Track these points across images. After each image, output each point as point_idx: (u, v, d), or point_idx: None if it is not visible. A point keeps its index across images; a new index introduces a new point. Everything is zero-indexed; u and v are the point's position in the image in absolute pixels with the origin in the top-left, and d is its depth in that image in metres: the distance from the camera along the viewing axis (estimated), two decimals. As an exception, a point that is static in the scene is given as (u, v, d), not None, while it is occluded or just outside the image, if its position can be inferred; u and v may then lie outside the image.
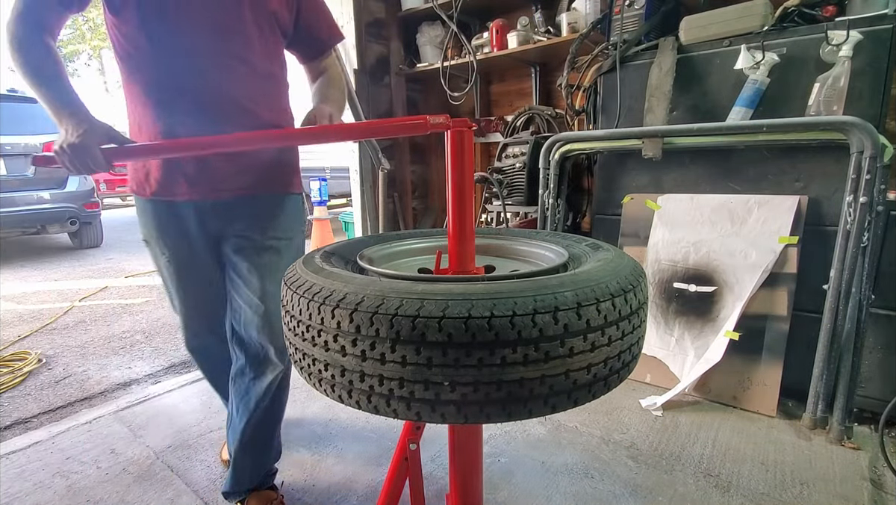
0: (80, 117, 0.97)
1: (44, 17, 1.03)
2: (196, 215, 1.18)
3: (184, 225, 1.19)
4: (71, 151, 0.95)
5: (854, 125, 1.44)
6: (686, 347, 1.84)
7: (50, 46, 1.04)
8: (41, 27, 1.03)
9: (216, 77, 1.08)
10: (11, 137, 4.64)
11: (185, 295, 1.31)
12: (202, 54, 1.07)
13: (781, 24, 1.66)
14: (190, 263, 1.24)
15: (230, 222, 1.19)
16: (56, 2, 1.04)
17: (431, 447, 1.56)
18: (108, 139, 0.97)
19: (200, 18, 1.06)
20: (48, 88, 1.01)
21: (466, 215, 0.70)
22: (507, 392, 0.52)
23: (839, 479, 1.38)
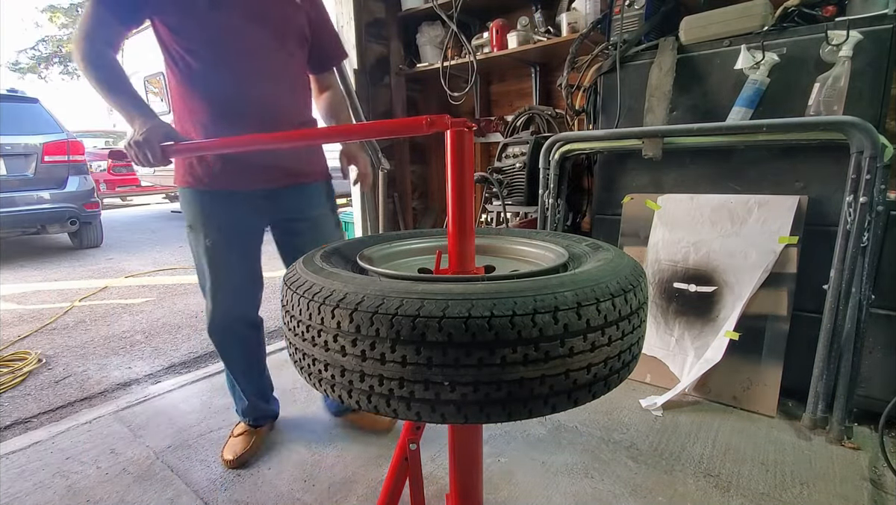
0: (144, 119, 1.14)
1: (108, 36, 1.20)
2: (247, 202, 1.36)
3: (235, 211, 1.36)
4: (136, 147, 1.11)
5: (854, 125, 1.44)
6: (686, 347, 1.84)
7: (115, 60, 1.22)
8: (108, 45, 1.20)
9: (264, 88, 1.28)
10: (11, 137, 4.64)
11: (224, 275, 1.41)
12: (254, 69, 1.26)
13: (781, 24, 1.66)
14: (233, 245, 1.39)
15: (278, 207, 1.41)
16: (117, 22, 1.21)
17: (431, 447, 1.56)
18: (166, 137, 1.12)
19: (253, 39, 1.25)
20: (118, 96, 1.18)
21: (466, 215, 0.70)
22: (507, 392, 0.52)
23: (839, 479, 1.38)
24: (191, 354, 2.57)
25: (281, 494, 1.40)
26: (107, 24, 1.19)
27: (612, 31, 2.01)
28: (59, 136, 4.98)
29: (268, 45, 1.27)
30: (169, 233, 6.93)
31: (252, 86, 1.26)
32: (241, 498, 1.38)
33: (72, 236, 5.63)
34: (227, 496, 1.39)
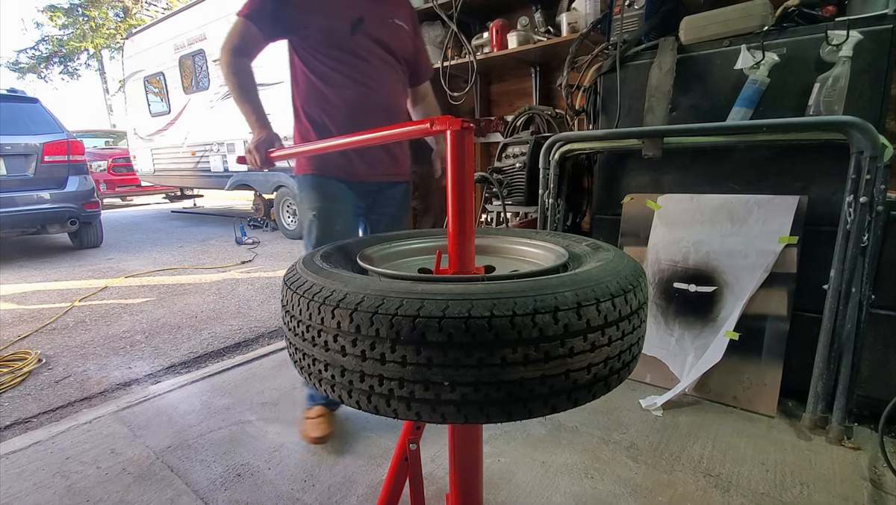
0: (260, 129, 1.40)
1: (252, 50, 1.44)
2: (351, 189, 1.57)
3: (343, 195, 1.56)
4: (249, 153, 1.40)
5: (854, 125, 1.43)
6: (686, 347, 1.84)
7: (251, 73, 1.45)
8: (249, 56, 1.44)
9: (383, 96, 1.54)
10: (11, 137, 4.64)
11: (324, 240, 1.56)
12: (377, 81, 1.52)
13: (781, 24, 1.66)
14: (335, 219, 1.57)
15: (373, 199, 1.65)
16: (261, 38, 1.43)
17: (431, 447, 1.56)
18: (270, 145, 1.38)
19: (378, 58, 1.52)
20: (246, 104, 1.42)
21: (466, 215, 0.70)
22: (507, 392, 0.52)
23: (839, 479, 1.38)
24: (191, 354, 2.57)
25: (281, 494, 1.40)
26: (252, 39, 1.42)
27: (612, 31, 2.00)
28: (59, 136, 4.98)
29: (388, 63, 1.55)
30: (169, 233, 6.93)
31: (375, 94, 1.52)
32: (241, 498, 1.38)
33: (72, 236, 5.63)
34: (227, 496, 1.39)
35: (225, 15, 6.20)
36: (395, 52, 1.56)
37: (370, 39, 1.49)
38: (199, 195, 10.95)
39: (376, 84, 1.52)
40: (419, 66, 1.71)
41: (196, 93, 7.01)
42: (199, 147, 7.25)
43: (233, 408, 1.89)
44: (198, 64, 6.87)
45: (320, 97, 1.51)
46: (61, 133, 5.01)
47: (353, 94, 1.50)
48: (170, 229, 7.30)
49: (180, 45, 7.05)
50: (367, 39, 1.49)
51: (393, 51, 1.55)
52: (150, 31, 7.75)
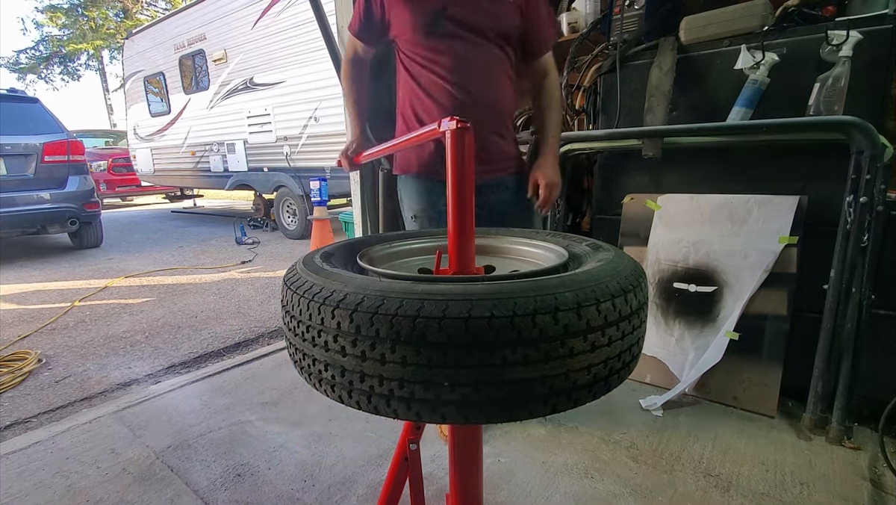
0: (353, 134, 1.53)
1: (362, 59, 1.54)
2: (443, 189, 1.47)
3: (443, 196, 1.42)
4: (341, 156, 1.48)
5: (854, 125, 1.43)
6: (686, 347, 1.84)
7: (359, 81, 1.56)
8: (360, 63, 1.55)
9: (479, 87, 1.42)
10: (11, 137, 4.64)
11: None
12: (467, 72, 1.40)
13: (781, 24, 1.66)
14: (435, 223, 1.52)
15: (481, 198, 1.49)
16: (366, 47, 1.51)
17: (431, 447, 1.56)
18: (358, 150, 1.47)
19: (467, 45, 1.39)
20: (350, 108, 1.56)
21: (466, 215, 0.70)
22: (508, 392, 0.52)
23: (839, 479, 1.38)
24: (191, 354, 2.57)
25: (281, 494, 1.40)
26: (359, 49, 1.52)
27: (612, 31, 2.00)
28: (59, 136, 4.98)
29: (481, 47, 1.41)
30: (169, 233, 6.93)
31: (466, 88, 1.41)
32: (241, 498, 1.38)
33: (72, 236, 5.63)
34: (227, 496, 1.39)
35: (225, 15, 6.21)
36: (490, 32, 1.41)
37: (456, 25, 1.38)
38: (200, 195, 10.95)
39: (466, 76, 1.41)
40: (529, 35, 1.47)
41: (196, 93, 7.01)
42: (199, 147, 7.25)
43: (233, 408, 1.89)
44: (198, 64, 6.88)
45: (411, 96, 1.48)
46: (61, 133, 5.01)
47: (440, 91, 1.42)
48: (170, 229, 7.30)
49: (180, 45, 7.06)
50: (453, 26, 1.38)
51: (486, 32, 1.40)
52: (150, 31, 7.76)
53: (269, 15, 5.64)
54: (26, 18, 36.28)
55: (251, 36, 5.91)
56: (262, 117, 6.03)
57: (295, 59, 5.45)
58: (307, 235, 5.67)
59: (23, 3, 41.44)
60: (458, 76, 1.40)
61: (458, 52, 1.39)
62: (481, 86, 1.42)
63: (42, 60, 19.30)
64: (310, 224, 5.24)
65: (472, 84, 1.41)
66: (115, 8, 18.75)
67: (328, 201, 4.95)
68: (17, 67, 19.22)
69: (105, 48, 19.26)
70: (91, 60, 20.14)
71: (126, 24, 17.77)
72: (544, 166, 1.46)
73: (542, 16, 1.49)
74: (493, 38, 1.41)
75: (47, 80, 20.05)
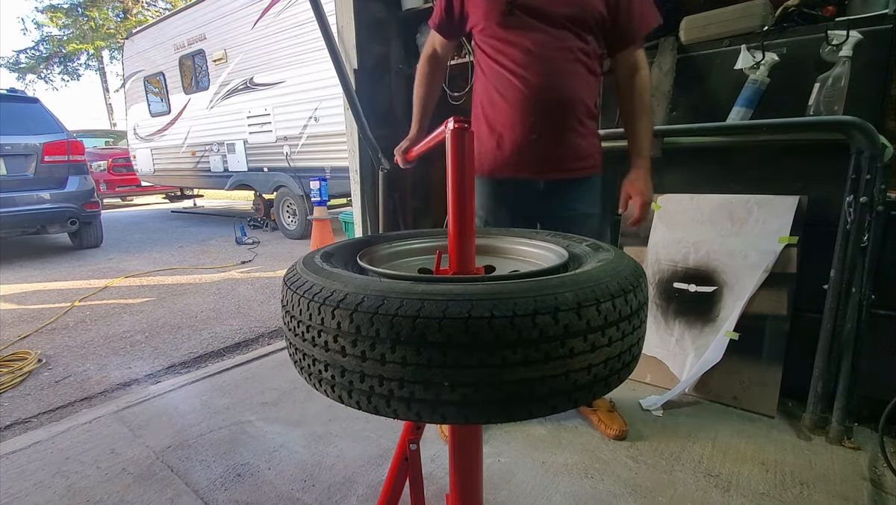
0: (416, 130, 1.57)
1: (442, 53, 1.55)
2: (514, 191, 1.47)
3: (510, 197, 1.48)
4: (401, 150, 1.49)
5: (854, 125, 1.43)
6: (686, 347, 1.84)
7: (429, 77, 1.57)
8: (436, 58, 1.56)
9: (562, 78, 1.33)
10: (11, 137, 4.64)
11: None
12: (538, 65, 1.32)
13: (781, 24, 1.66)
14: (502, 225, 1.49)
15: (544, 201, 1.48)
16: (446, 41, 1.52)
17: (431, 447, 1.56)
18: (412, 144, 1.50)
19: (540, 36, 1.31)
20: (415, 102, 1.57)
21: (466, 215, 0.70)
22: (508, 393, 0.52)
23: (839, 479, 1.38)
24: (191, 354, 2.57)
25: (281, 494, 1.40)
26: (439, 44, 1.53)
27: (612, 31, 2.00)
28: (59, 136, 4.98)
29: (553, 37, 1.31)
30: (169, 233, 6.93)
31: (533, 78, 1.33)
32: (241, 498, 1.38)
33: (72, 236, 5.63)
34: (227, 496, 1.39)
35: (225, 15, 6.21)
36: (566, 20, 1.30)
37: (529, 15, 1.30)
38: (199, 195, 10.95)
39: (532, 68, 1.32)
40: (615, 25, 1.34)
41: (196, 93, 7.01)
42: (199, 147, 7.25)
43: (233, 408, 1.89)
44: (198, 64, 6.88)
45: (481, 89, 1.44)
46: (61, 133, 5.01)
47: (505, 84, 1.36)
48: (170, 229, 7.30)
49: (180, 45, 7.06)
50: (526, 15, 1.30)
51: (562, 21, 1.30)
52: (150, 31, 7.76)
53: (269, 15, 5.64)
54: (26, 18, 36.29)
55: (251, 36, 5.91)
56: (262, 117, 6.03)
57: (295, 59, 5.45)
58: (307, 235, 5.67)
59: (23, 3, 41.48)
60: (524, 68, 1.33)
61: (526, 43, 1.31)
62: (550, 79, 1.32)
63: (42, 60, 19.30)
64: (310, 224, 5.24)
65: (538, 77, 1.32)
66: (116, 8, 18.75)
67: (328, 201, 4.95)
68: (17, 67, 19.23)
69: (105, 48, 19.25)
70: (91, 60, 20.14)
71: (126, 24, 17.77)
72: (637, 181, 1.36)
73: (633, 3, 1.33)
74: (571, 27, 1.30)
75: (47, 80, 20.06)
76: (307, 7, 2.78)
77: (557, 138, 1.38)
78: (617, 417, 1.64)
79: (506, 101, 1.36)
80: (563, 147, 1.39)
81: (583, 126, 1.40)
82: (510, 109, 1.37)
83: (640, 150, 1.38)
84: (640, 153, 1.38)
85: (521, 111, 1.35)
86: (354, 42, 2.83)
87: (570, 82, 1.34)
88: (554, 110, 1.35)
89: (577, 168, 1.43)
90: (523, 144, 1.38)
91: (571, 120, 1.37)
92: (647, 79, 1.41)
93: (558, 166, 1.41)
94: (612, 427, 1.60)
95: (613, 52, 1.41)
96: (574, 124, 1.38)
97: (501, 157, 1.42)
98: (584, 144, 1.42)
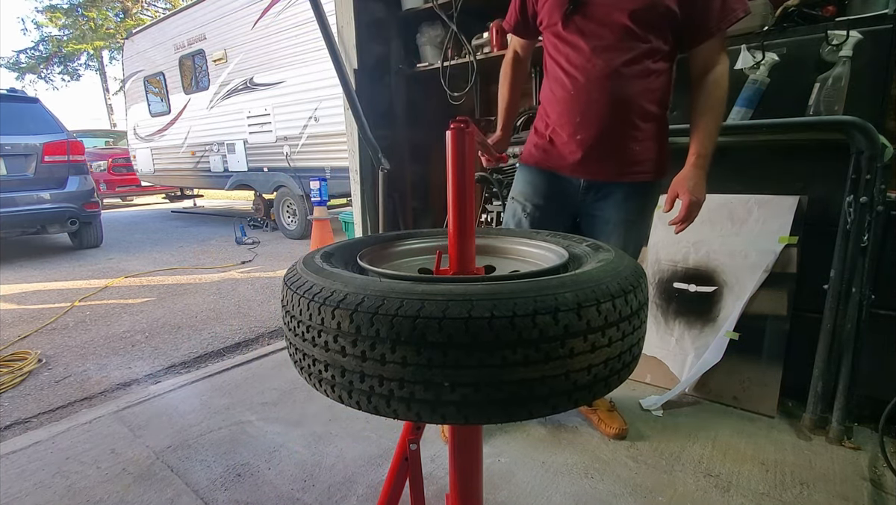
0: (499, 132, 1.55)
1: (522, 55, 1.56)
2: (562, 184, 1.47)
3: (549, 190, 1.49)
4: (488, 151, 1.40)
5: (854, 125, 1.43)
6: (686, 347, 1.84)
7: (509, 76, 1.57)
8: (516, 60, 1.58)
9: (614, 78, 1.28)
10: (11, 137, 4.64)
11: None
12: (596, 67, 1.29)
13: (781, 24, 1.66)
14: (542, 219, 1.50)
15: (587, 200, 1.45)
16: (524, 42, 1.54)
17: (431, 447, 1.56)
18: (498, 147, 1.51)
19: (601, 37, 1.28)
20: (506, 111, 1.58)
21: (466, 215, 0.70)
22: (508, 393, 0.52)
23: (839, 479, 1.38)
24: (191, 353, 2.57)
25: (281, 494, 1.40)
26: (517, 45, 1.55)
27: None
28: (59, 136, 4.98)
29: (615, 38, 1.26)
30: (169, 233, 6.93)
31: (581, 76, 1.32)
32: (241, 498, 1.38)
33: (72, 236, 5.63)
34: (227, 496, 1.39)
35: (225, 15, 6.21)
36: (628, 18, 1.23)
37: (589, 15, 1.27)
38: (199, 195, 10.95)
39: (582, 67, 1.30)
40: (689, 19, 1.23)
41: (196, 93, 7.01)
42: (199, 147, 7.25)
43: (233, 408, 1.89)
44: (198, 64, 6.88)
45: (545, 88, 1.45)
46: (61, 133, 5.01)
47: (556, 82, 1.37)
48: (170, 229, 7.30)
49: (180, 45, 7.06)
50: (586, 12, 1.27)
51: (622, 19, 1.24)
52: (150, 31, 7.76)
53: (269, 15, 5.64)
54: (26, 18, 36.27)
55: (251, 36, 5.91)
56: (262, 117, 6.03)
57: (295, 59, 5.45)
58: (307, 235, 5.67)
59: (23, 3, 41.49)
60: (575, 68, 1.31)
61: (581, 43, 1.29)
62: (598, 80, 1.28)
63: (42, 60, 19.30)
64: (310, 224, 5.23)
65: (586, 77, 1.30)
66: (115, 8, 18.75)
67: (328, 201, 4.95)
68: (17, 67, 19.23)
69: (105, 48, 19.25)
70: (91, 60, 20.14)
71: (126, 24, 17.77)
72: (688, 178, 1.25)
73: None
74: (632, 26, 1.23)
75: (47, 80, 20.06)
76: (307, 7, 2.78)
77: (602, 140, 1.34)
78: (617, 416, 1.64)
79: (556, 99, 1.38)
80: (608, 150, 1.35)
81: (636, 129, 1.33)
82: (559, 108, 1.38)
83: (698, 149, 1.28)
84: (698, 151, 1.27)
85: (569, 110, 1.35)
86: (354, 42, 2.83)
87: (620, 84, 1.28)
88: (599, 112, 1.31)
89: (622, 172, 1.37)
90: (568, 143, 1.38)
91: (620, 123, 1.32)
92: (724, 75, 1.28)
93: (599, 169, 1.38)
94: (612, 427, 1.61)
95: (686, 48, 1.30)
96: (624, 127, 1.32)
97: (549, 152, 1.44)
98: (636, 149, 1.35)
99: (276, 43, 5.63)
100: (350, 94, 2.57)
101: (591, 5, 1.27)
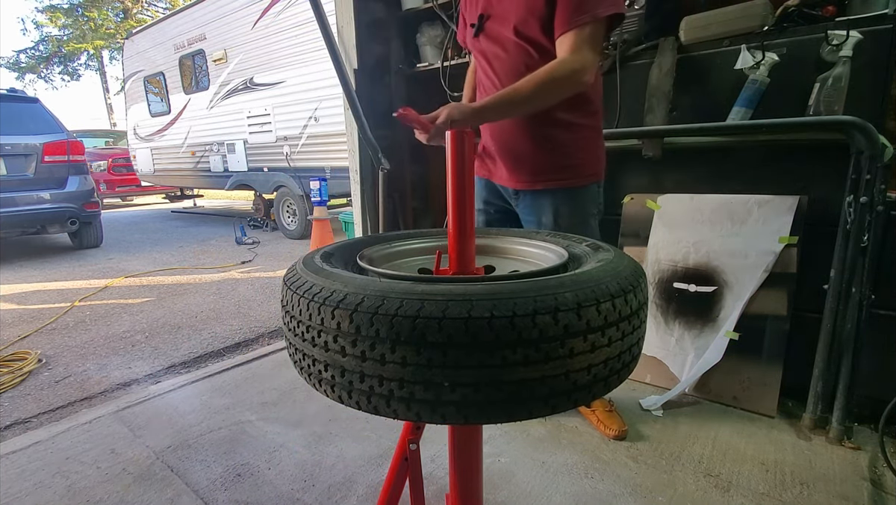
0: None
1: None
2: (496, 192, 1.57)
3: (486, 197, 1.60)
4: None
5: (854, 125, 1.43)
6: (686, 347, 1.84)
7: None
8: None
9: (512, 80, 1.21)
10: (11, 137, 4.64)
11: None
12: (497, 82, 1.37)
13: (781, 24, 1.66)
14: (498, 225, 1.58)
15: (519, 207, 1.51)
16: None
17: (431, 447, 1.56)
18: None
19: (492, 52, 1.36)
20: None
21: (466, 215, 0.70)
22: (508, 393, 0.52)
23: (839, 479, 1.38)
24: (191, 353, 2.57)
25: (281, 494, 1.40)
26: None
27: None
28: (59, 136, 4.98)
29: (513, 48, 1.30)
30: (169, 233, 6.93)
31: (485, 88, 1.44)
32: (241, 498, 1.38)
33: (72, 236, 5.63)
34: (227, 496, 1.39)
35: (225, 15, 6.21)
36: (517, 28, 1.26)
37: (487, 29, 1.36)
38: (199, 195, 10.95)
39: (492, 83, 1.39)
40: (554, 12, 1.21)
41: (196, 93, 7.01)
42: (199, 147, 7.25)
43: (233, 408, 1.89)
44: (198, 64, 6.88)
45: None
46: (61, 133, 5.01)
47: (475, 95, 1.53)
48: (170, 229, 7.30)
49: (180, 45, 7.06)
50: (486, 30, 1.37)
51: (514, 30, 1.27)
52: (150, 31, 7.76)
53: (268, 15, 5.64)
54: (26, 18, 36.31)
55: (251, 36, 5.91)
56: (262, 117, 6.03)
57: (295, 59, 5.45)
58: (307, 235, 5.67)
59: (23, 3, 41.54)
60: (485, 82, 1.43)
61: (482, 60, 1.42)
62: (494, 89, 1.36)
63: (42, 60, 19.31)
64: (310, 224, 5.24)
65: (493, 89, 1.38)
66: (115, 8, 18.75)
67: (328, 201, 4.95)
68: (18, 67, 19.23)
69: (105, 48, 19.26)
70: (91, 60, 20.15)
71: (126, 24, 17.77)
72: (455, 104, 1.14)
73: None
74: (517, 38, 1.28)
75: (47, 80, 20.08)
76: (307, 7, 2.78)
77: (513, 150, 1.42)
78: (616, 417, 1.64)
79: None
80: (520, 159, 1.42)
81: (545, 139, 1.34)
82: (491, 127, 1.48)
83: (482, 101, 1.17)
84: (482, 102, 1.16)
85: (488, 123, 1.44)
86: (354, 42, 2.83)
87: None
88: (506, 124, 1.39)
89: (535, 181, 1.42)
90: (491, 154, 1.50)
91: (526, 134, 1.36)
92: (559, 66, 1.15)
93: (517, 178, 1.45)
94: (612, 428, 1.61)
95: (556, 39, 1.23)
96: (532, 138, 1.36)
97: (483, 161, 1.56)
98: (547, 157, 1.36)
99: (276, 43, 5.64)
100: (350, 94, 2.57)
101: (487, 26, 1.36)
